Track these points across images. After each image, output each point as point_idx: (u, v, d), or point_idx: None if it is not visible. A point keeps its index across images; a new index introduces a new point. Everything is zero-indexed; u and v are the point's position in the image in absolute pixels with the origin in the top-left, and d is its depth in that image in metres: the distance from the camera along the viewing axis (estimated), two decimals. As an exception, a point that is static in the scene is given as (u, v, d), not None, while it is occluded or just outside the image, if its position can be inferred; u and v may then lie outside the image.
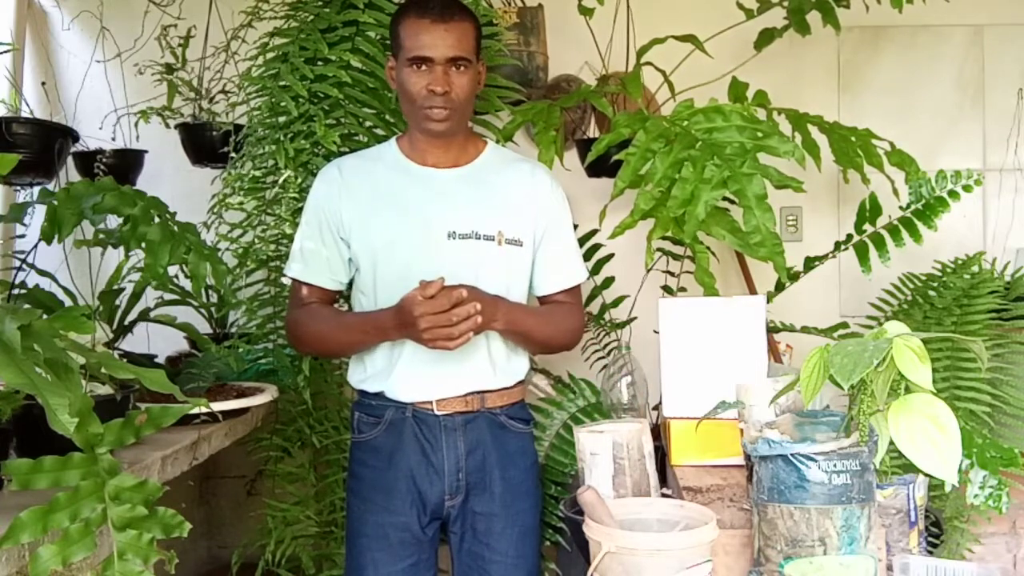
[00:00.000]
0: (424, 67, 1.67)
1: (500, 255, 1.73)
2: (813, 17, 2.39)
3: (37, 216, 1.53)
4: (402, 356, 1.71)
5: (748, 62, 2.41)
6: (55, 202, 1.45)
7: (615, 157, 1.94)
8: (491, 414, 1.76)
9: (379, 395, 1.75)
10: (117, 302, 2.07)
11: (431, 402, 1.72)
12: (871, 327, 1.76)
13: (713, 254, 1.97)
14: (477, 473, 1.74)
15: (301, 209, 1.85)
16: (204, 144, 2.42)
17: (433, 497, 1.73)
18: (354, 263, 1.76)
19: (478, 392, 1.73)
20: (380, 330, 1.67)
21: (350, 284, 1.80)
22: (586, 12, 2.33)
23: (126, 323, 2.09)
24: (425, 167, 1.76)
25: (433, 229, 1.70)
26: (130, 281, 2.07)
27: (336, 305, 1.87)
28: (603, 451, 1.62)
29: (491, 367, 1.74)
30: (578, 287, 1.87)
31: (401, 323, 1.60)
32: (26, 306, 1.56)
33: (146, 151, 2.57)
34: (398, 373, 1.72)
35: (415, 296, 1.56)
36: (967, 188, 2.30)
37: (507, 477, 1.76)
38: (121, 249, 1.49)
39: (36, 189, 1.81)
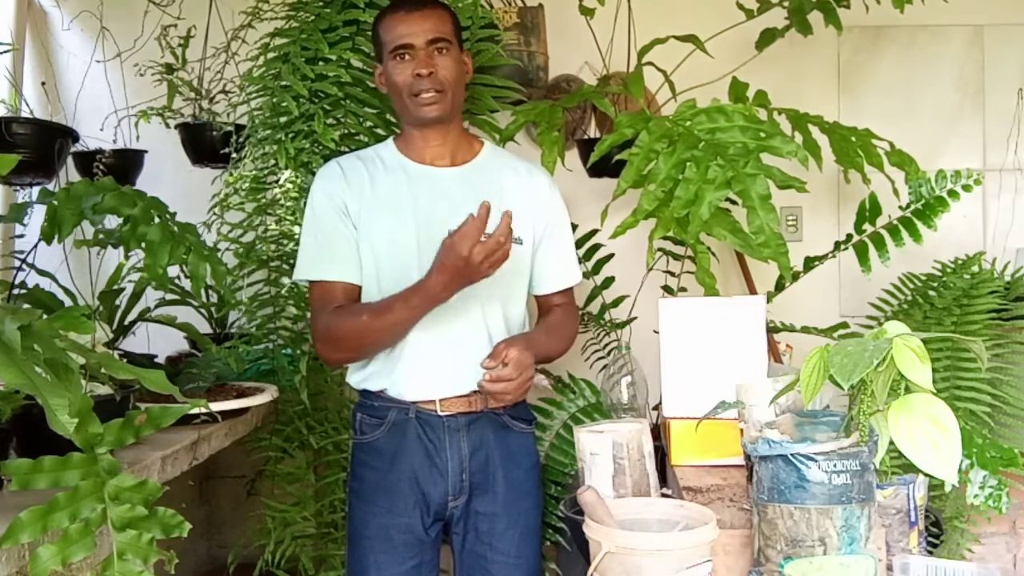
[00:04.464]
0: (407, 56, 1.69)
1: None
2: (814, 17, 2.39)
3: (37, 216, 1.53)
4: (404, 353, 1.71)
5: (748, 62, 2.41)
6: (55, 202, 1.46)
7: (617, 157, 1.94)
8: (494, 414, 1.76)
9: (381, 395, 1.75)
10: (117, 302, 2.07)
11: (434, 402, 1.72)
12: (871, 327, 1.76)
13: (713, 254, 1.97)
14: (480, 473, 1.74)
15: (302, 209, 1.84)
16: (204, 144, 2.42)
17: (436, 498, 1.73)
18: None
19: (481, 392, 1.73)
20: (428, 298, 1.59)
21: None
22: (587, 12, 2.33)
23: (126, 323, 2.09)
24: (423, 165, 1.77)
25: (433, 228, 1.70)
26: (130, 281, 2.07)
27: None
28: (603, 451, 1.62)
29: None
30: (572, 288, 1.88)
31: (454, 274, 1.54)
32: (26, 306, 1.56)
33: (146, 151, 2.57)
34: (401, 371, 1.71)
35: (450, 245, 1.52)
36: (967, 188, 2.30)
37: (510, 477, 1.77)
38: (121, 249, 1.49)
39: (36, 189, 1.81)
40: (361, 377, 1.77)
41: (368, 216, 1.73)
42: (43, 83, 2.72)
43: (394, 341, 1.70)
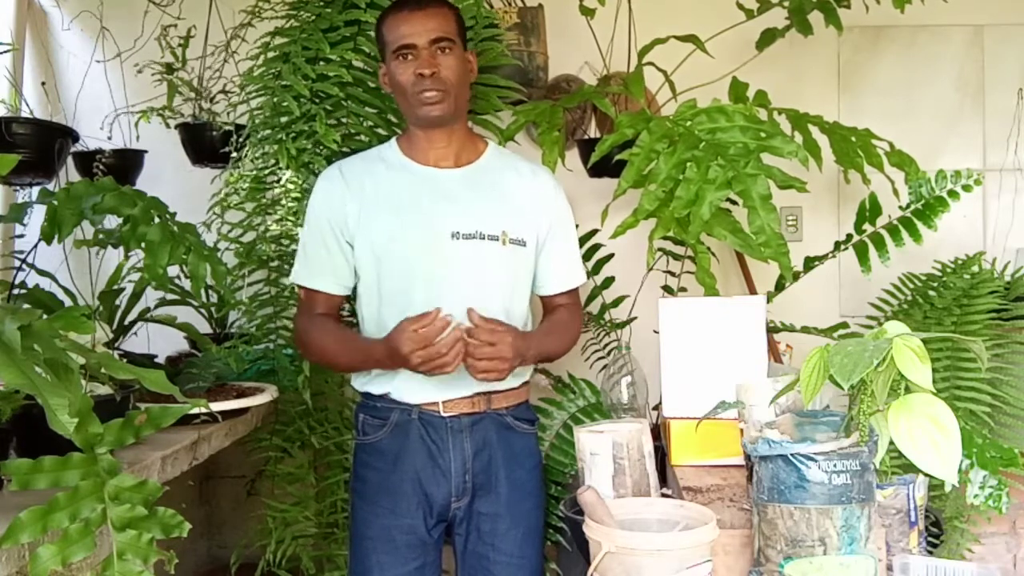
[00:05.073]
0: (410, 56, 1.69)
1: (504, 255, 1.73)
2: (814, 17, 2.39)
3: (37, 216, 1.52)
4: None
5: (749, 62, 2.41)
6: (55, 202, 1.45)
7: (618, 157, 1.94)
8: (497, 415, 1.76)
9: (384, 397, 1.75)
10: (117, 302, 2.07)
11: (437, 403, 1.72)
12: (871, 327, 1.76)
13: (713, 254, 1.97)
14: (483, 474, 1.74)
15: (302, 210, 1.84)
16: (204, 144, 2.42)
17: (439, 499, 1.73)
18: (357, 266, 1.75)
19: (484, 393, 1.73)
20: (376, 361, 1.69)
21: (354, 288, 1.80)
22: (587, 12, 2.33)
23: (126, 323, 2.09)
24: (427, 167, 1.76)
25: (436, 229, 1.70)
26: (130, 281, 2.07)
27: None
28: (603, 451, 1.62)
29: None
30: (577, 288, 1.88)
31: (392, 357, 1.61)
32: (26, 306, 1.56)
33: (146, 151, 2.57)
34: (404, 374, 1.71)
35: (402, 333, 1.57)
36: (967, 188, 2.30)
37: (513, 477, 1.77)
38: (121, 249, 1.49)
39: (36, 189, 1.81)
40: (365, 380, 1.78)
41: (368, 215, 1.73)
42: (43, 83, 2.72)
43: (354, 372, 1.81)
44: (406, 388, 1.72)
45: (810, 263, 2.40)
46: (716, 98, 1.96)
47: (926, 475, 1.44)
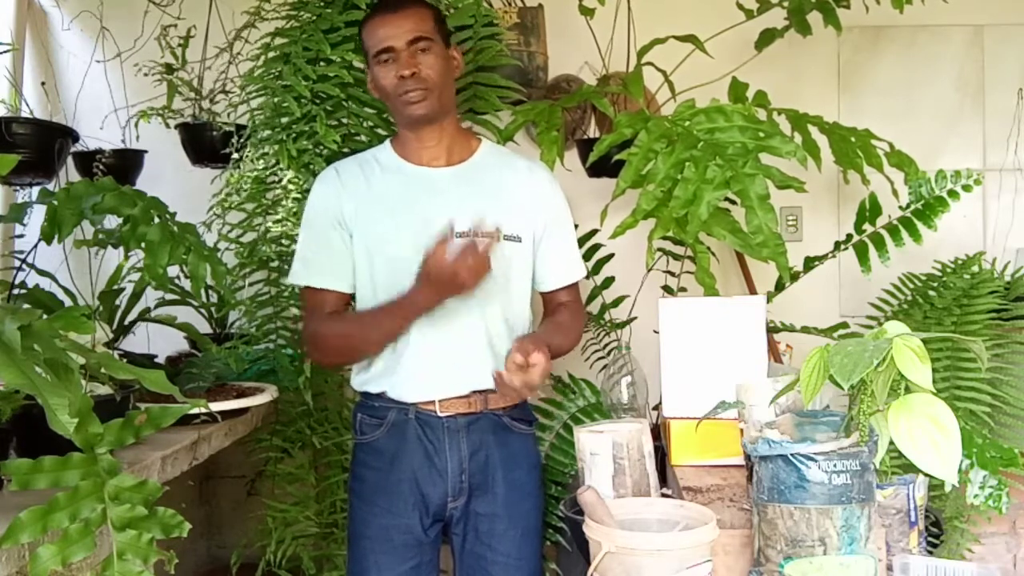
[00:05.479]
0: (390, 59, 1.69)
1: (499, 252, 1.72)
2: (813, 17, 2.39)
3: (37, 216, 1.52)
4: (405, 356, 1.71)
5: (748, 62, 2.41)
6: (55, 202, 1.45)
7: (616, 157, 1.94)
8: (494, 415, 1.76)
9: (381, 396, 1.75)
10: (117, 302, 2.07)
11: (434, 403, 1.72)
12: (871, 327, 1.76)
13: (713, 254, 1.97)
14: (480, 474, 1.74)
15: (303, 211, 1.84)
16: (204, 144, 2.42)
17: (436, 499, 1.73)
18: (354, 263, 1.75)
19: (481, 392, 1.73)
20: (413, 308, 1.65)
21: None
22: (587, 12, 2.33)
23: (126, 323, 2.09)
24: (420, 166, 1.76)
25: (430, 228, 1.70)
26: (130, 281, 2.07)
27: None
28: (603, 451, 1.62)
29: (495, 367, 1.73)
30: (578, 284, 1.88)
31: (435, 289, 1.59)
32: (26, 306, 1.56)
33: (146, 151, 2.57)
34: (401, 373, 1.71)
35: (437, 267, 1.55)
36: (967, 188, 2.30)
37: (510, 478, 1.76)
38: (121, 249, 1.49)
39: (36, 189, 1.81)
40: (363, 379, 1.77)
41: (364, 217, 1.73)
42: (43, 83, 2.72)
43: (381, 349, 1.73)
44: (403, 387, 1.72)
45: (810, 263, 2.40)
46: (715, 98, 1.96)
47: (926, 475, 1.44)
